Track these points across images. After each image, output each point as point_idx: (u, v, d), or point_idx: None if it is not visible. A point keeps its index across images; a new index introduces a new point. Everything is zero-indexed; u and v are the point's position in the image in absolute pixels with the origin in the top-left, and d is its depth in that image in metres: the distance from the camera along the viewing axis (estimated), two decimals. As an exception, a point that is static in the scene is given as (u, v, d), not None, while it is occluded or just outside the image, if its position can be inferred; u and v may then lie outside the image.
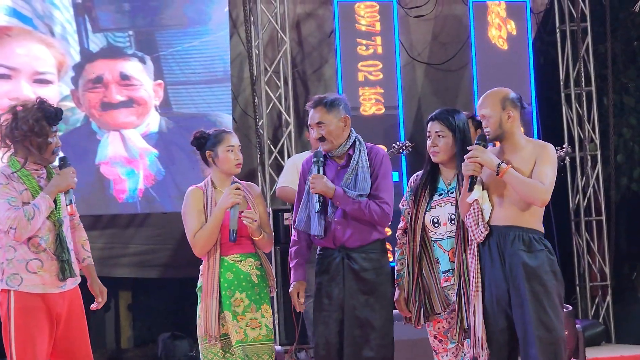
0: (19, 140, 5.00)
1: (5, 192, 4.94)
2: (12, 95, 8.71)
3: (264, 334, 5.38)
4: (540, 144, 5.15)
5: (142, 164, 9.20)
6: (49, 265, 5.01)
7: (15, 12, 8.85)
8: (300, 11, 10.28)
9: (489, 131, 5.13)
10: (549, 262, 5.04)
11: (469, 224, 5.13)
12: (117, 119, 9.14)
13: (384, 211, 5.49)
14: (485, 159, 5.05)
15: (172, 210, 9.36)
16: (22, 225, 4.88)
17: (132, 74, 9.22)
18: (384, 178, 5.57)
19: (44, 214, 4.96)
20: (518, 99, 5.19)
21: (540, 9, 10.97)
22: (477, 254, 5.11)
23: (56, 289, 5.03)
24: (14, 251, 4.98)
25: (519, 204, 5.03)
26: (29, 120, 4.97)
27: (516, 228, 5.04)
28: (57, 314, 5.03)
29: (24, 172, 5.00)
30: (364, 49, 9.73)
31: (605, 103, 10.77)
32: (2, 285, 5.00)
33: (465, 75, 10.47)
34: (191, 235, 5.40)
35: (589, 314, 10.40)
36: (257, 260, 5.47)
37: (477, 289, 5.10)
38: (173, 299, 10.18)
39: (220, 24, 9.49)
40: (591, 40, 10.59)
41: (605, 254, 10.51)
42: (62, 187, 5.05)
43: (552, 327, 4.97)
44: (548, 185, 5.00)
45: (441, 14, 10.60)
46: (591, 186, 10.54)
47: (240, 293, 5.35)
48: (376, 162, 5.57)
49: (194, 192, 5.46)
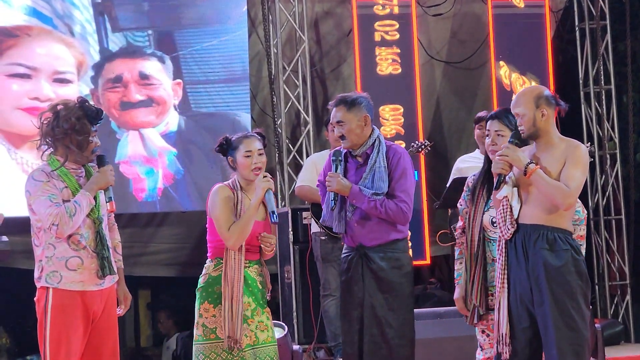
0: (60, 139, 5.02)
1: (46, 190, 4.96)
2: (32, 94, 8.77)
3: (271, 336, 5.43)
4: (573, 144, 5.09)
5: (161, 163, 9.23)
6: (89, 262, 5.03)
7: (35, 12, 8.89)
8: (319, 10, 10.29)
9: (523, 129, 5.10)
10: (573, 262, 4.99)
11: (498, 221, 5.13)
12: (136, 119, 9.17)
13: (401, 209, 5.52)
14: (514, 158, 5.03)
15: (191, 209, 9.40)
16: (64, 221, 4.91)
17: (151, 74, 9.25)
18: (402, 177, 5.59)
19: (85, 210, 4.99)
20: (553, 97, 5.15)
21: (559, 7, 10.95)
22: (504, 251, 5.11)
23: (95, 287, 5.05)
24: (54, 249, 5.00)
25: (546, 203, 5.00)
26: (71, 118, 5.00)
27: (542, 227, 5.01)
28: (94, 312, 5.06)
29: (63, 171, 5.03)
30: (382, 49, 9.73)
31: (624, 101, 10.74)
32: (42, 283, 5.01)
33: (485, 73, 10.46)
34: (225, 228, 5.36)
35: (608, 313, 10.37)
36: (260, 266, 5.51)
37: (503, 286, 5.09)
38: (192, 297, 10.19)
39: (239, 23, 9.51)
40: (610, 39, 10.56)
41: (624, 253, 10.48)
42: (102, 185, 5.08)
43: (574, 327, 4.93)
44: (574, 188, 4.95)
45: (460, 12, 10.59)
46: (610, 185, 10.52)
47: (248, 297, 5.38)
48: (394, 161, 5.59)
49: (223, 189, 5.48)
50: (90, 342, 5.08)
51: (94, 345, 5.09)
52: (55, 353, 4.94)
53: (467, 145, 9.97)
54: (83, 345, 5.03)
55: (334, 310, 7.51)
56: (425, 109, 9.96)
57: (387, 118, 9.64)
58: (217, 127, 9.39)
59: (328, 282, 7.71)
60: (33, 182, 4.99)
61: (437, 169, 10.09)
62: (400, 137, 9.62)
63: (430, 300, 9.43)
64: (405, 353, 5.55)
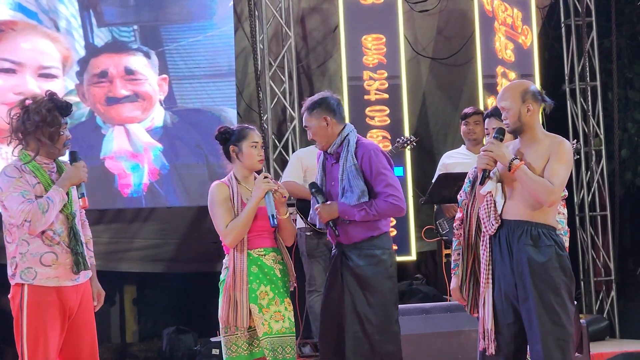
0: (31, 132, 5.01)
1: (18, 186, 4.95)
2: (17, 89, 8.73)
3: (287, 327, 5.42)
4: (557, 140, 5.10)
5: (147, 158, 9.20)
6: (64, 258, 5.02)
7: (20, 7, 8.85)
8: (305, 5, 10.28)
9: (508, 123, 5.11)
10: (557, 257, 5.00)
11: (482, 216, 5.13)
12: (121, 114, 9.15)
13: (391, 204, 5.58)
14: (499, 153, 5.04)
15: (176, 204, 9.38)
16: (37, 218, 4.89)
17: (137, 69, 9.23)
18: (380, 172, 5.63)
19: (58, 206, 4.98)
20: (539, 93, 5.16)
21: (545, 3, 10.97)
22: (488, 246, 5.11)
23: (70, 282, 5.05)
24: (28, 245, 4.99)
25: (530, 199, 5.01)
26: (42, 110, 5.00)
27: (526, 223, 5.02)
28: (70, 307, 5.04)
29: (35, 165, 5.02)
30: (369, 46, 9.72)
31: (610, 98, 10.77)
32: (16, 280, 5.00)
33: (470, 70, 10.47)
34: (223, 226, 5.42)
35: (593, 309, 10.40)
36: (279, 255, 5.52)
37: (488, 281, 5.10)
38: (178, 293, 10.21)
39: (225, 19, 9.49)
40: (596, 35, 10.59)
41: (609, 249, 10.51)
42: (75, 180, 5.07)
43: (559, 322, 4.94)
44: (557, 185, 4.96)
45: (446, 9, 10.60)
46: (596, 181, 10.54)
47: (265, 286, 5.40)
48: (364, 160, 5.66)
49: (219, 186, 5.52)
50: (68, 338, 5.06)
51: (72, 341, 5.08)
52: (33, 350, 4.93)
53: (453, 141, 9.99)
54: (61, 341, 5.02)
55: (319, 306, 7.51)
56: (411, 105, 9.95)
57: (372, 117, 9.66)
58: (203, 123, 9.37)
59: (313, 278, 7.71)
60: (5, 178, 4.98)
61: (422, 164, 10.10)
62: (386, 130, 9.62)
63: (416, 296, 9.43)
64: (388, 349, 5.56)
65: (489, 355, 5.07)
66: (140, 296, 10.36)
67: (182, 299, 10.22)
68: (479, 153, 7.10)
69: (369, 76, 9.66)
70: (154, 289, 10.38)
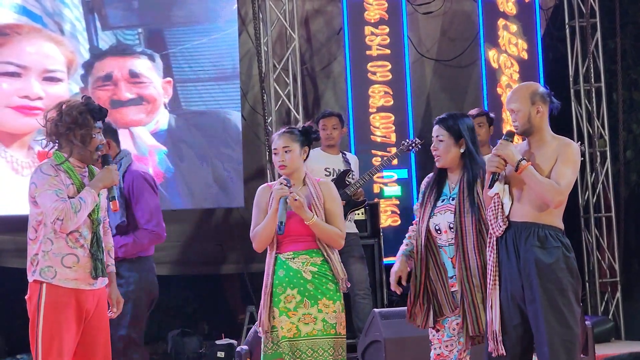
0: (63, 133, 5.04)
1: (53, 184, 4.97)
2: (22, 93, 8.75)
3: (320, 329, 5.35)
4: (565, 142, 5.09)
5: (151, 161, 9.21)
6: (84, 261, 5.03)
7: (25, 10, 8.86)
8: (309, 8, 10.29)
9: (517, 125, 5.09)
10: (564, 259, 4.99)
11: (489, 217, 5.12)
12: (126, 117, 9.16)
13: (151, 232, 6.22)
14: (507, 153, 5.02)
15: (181, 207, 9.38)
16: (69, 217, 4.91)
17: (142, 72, 9.24)
18: (138, 202, 6.14)
19: (90, 207, 5.01)
20: (548, 94, 5.14)
21: (549, 4, 10.97)
22: (495, 248, 5.11)
23: (88, 286, 5.05)
24: (51, 244, 5.00)
25: (538, 201, 5.00)
26: (73, 112, 5.03)
27: (533, 224, 5.01)
28: (87, 310, 5.05)
29: (69, 166, 5.05)
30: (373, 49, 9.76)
31: (614, 99, 10.76)
32: (35, 277, 5.00)
33: (475, 71, 10.47)
34: (251, 230, 5.49)
35: (599, 311, 10.39)
36: (315, 256, 5.44)
37: (495, 283, 5.09)
38: (182, 296, 10.21)
39: (229, 21, 9.50)
40: (600, 36, 10.58)
41: (614, 250, 10.50)
42: (107, 183, 5.10)
43: (565, 324, 4.93)
44: (564, 186, 4.96)
45: (450, 10, 10.61)
46: (600, 182, 10.53)
47: (291, 289, 5.38)
48: (130, 190, 6.23)
49: (262, 189, 5.58)
50: (82, 341, 5.06)
51: (87, 344, 5.07)
52: (47, 351, 4.92)
53: (458, 143, 9.98)
54: (75, 344, 5.02)
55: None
56: (415, 107, 9.96)
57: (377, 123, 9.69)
58: (208, 126, 9.38)
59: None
60: (41, 175, 5.00)
61: (427, 167, 10.03)
62: (391, 135, 9.64)
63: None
64: None
65: (497, 356, 5.07)
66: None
67: (187, 301, 10.22)
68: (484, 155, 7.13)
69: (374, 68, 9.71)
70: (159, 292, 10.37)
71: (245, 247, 9.85)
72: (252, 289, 9.53)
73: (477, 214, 5.27)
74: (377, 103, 9.72)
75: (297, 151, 5.48)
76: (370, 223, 8.73)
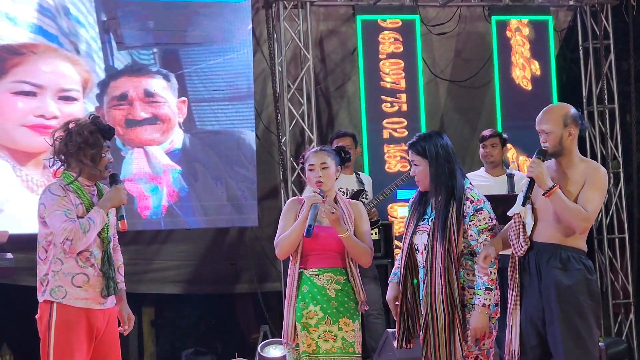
0: (73, 153, 5.06)
1: (62, 204, 4.98)
2: (37, 112, 8.79)
3: (339, 347, 5.38)
4: (593, 166, 5.07)
5: (166, 180, 9.24)
6: (95, 281, 5.05)
7: (41, 30, 8.92)
8: (323, 28, 10.32)
9: (547, 146, 5.04)
10: (585, 281, 4.96)
11: (511, 238, 5.10)
12: (141, 136, 9.19)
13: None
14: (539, 173, 4.97)
15: (195, 226, 9.40)
16: (78, 237, 4.92)
17: (157, 91, 9.28)
18: None
19: (99, 227, 5.02)
20: (580, 117, 5.10)
21: (563, 26, 10.98)
22: (517, 268, 5.09)
23: (98, 306, 5.07)
24: (61, 264, 5.01)
25: (562, 223, 4.97)
26: (84, 132, 5.04)
27: (556, 246, 4.98)
28: (98, 328, 5.06)
29: (77, 186, 5.06)
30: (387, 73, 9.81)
31: (628, 120, 10.76)
32: (45, 297, 5.01)
33: (489, 92, 10.48)
34: (276, 237, 5.53)
35: (612, 332, 10.37)
36: (340, 275, 5.48)
37: (516, 304, 5.07)
38: (196, 315, 10.21)
39: (244, 42, 9.54)
40: (614, 58, 10.59)
41: (628, 271, 10.48)
42: (116, 202, 5.12)
43: (584, 347, 4.91)
44: (591, 212, 4.93)
45: (464, 31, 10.62)
46: (614, 204, 10.52)
47: (314, 306, 5.41)
48: None
49: (292, 201, 5.65)
50: (93, 359, 5.07)
51: None
52: None
53: (472, 164, 9.97)
54: (86, 364, 5.04)
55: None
56: (429, 127, 9.97)
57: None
58: (222, 145, 9.41)
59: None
60: (50, 196, 5.01)
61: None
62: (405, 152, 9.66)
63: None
64: None
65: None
66: (159, 318, 10.37)
67: (200, 320, 10.23)
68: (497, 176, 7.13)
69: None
70: (172, 311, 10.40)
71: (259, 267, 9.90)
72: (265, 308, 9.54)
73: (447, 238, 5.15)
74: (391, 134, 9.78)
75: (333, 169, 5.55)
76: (383, 243, 8.74)
